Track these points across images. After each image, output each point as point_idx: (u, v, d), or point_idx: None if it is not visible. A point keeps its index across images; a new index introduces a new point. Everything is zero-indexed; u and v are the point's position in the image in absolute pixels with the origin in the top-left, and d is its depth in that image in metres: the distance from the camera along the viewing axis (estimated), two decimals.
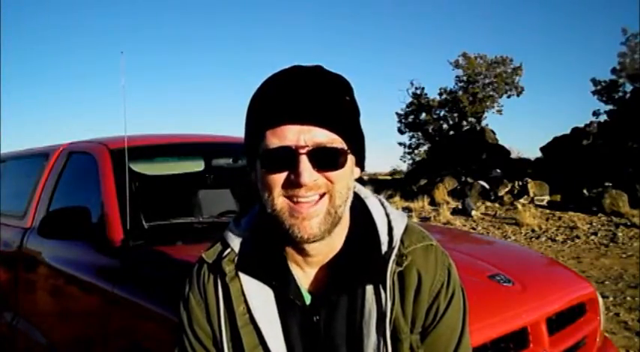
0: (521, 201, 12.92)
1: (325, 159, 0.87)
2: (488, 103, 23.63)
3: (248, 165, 0.96)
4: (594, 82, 20.71)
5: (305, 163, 0.86)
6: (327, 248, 0.95)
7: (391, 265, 0.94)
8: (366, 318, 0.94)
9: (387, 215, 1.01)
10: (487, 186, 14.34)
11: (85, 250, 2.37)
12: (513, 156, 19.71)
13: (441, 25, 41.34)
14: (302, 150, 0.86)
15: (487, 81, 23.58)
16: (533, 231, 10.32)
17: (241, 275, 0.95)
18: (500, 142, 20.29)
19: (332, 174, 0.88)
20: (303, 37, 46.23)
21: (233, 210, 2.66)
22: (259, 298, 0.94)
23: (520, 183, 14.08)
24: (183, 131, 3.39)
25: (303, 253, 0.95)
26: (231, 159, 2.94)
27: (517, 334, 1.83)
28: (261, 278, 0.95)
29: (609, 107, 19.52)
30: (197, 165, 2.99)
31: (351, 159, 0.92)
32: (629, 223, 10.20)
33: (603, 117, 19.19)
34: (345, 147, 0.89)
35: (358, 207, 1.00)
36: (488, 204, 13.38)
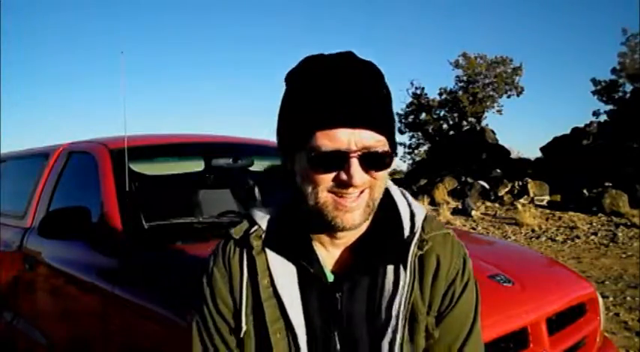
0: (521, 201, 12.92)
1: (374, 162, 0.93)
2: (488, 103, 23.63)
3: (284, 154, 0.99)
4: (594, 82, 20.71)
5: (356, 166, 0.90)
6: (356, 231, 1.01)
7: (413, 248, 1.00)
8: (385, 297, 0.99)
9: (409, 203, 1.07)
10: (487, 186, 14.34)
11: (85, 250, 2.36)
12: (513, 156, 19.70)
13: (441, 25, 41.36)
14: (353, 154, 0.90)
15: (487, 81, 23.57)
16: (533, 231, 10.32)
17: (267, 250, 1.00)
18: (500, 142, 20.30)
19: (377, 174, 0.94)
20: (303, 37, 46.23)
21: (233, 210, 2.66)
22: (283, 273, 0.99)
23: (520, 183, 14.08)
24: (183, 131, 3.39)
25: (332, 236, 1.00)
26: (231, 159, 2.94)
27: (517, 334, 1.83)
28: (285, 255, 1.00)
29: (609, 107, 19.52)
30: (197, 165, 2.99)
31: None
32: (629, 223, 10.20)
33: (603, 117, 19.21)
34: (390, 149, 0.95)
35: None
36: (488, 204, 13.38)
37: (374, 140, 0.91)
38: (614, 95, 19.96)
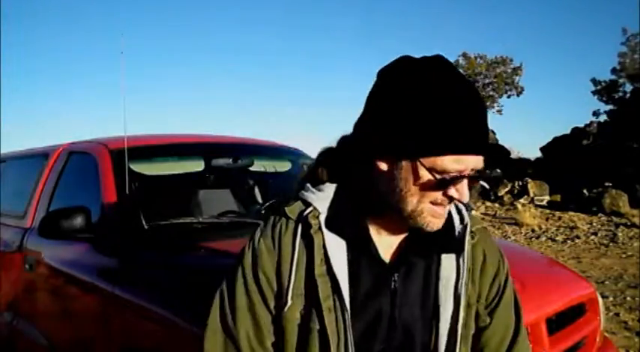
0: (521, 201, 12.93)
1: (475, 182, 0.99)
2: (488, 103, 23.63)
3: (382, 150, 0.98)
4: (594, 82, 20.69)
5: (466, 185, 0.96)
6: None
7: (468, 237, 1.06)
8: (443, 283, 1.04)
9: None
10: (487, 186, 14.35)
11: (85, 250, 2.37)
12: (513, 156, 19.72)
13: (441, 25, 41.34)
14: (466, 174, 0.95)
15: (487, 81, 23.57)
16: (533, 231, 10.33)
17: (325, 230, 1.02)
18: (500, 142, 20.30)
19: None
20: (303, 37, 46.23)
21: (233, 210, 2.66)
22: (338, 253, 1.01)
23: (520, 183, 14.09)
24: (183, 131, 3.39)
25: (395, 227, 1.04)
26: (231, 159, 2.94)
27: None
28: (342, 236, 1.03)
29: (609, 107, 19.51)
30: (197, 165, 2.99)
31: None
32: (629, 223, 10.20)
33: (603, 117, 19.19)
34: None
35: None
36: (488, 204, 13.38)
37: (481, 164, 0.97)
38: (614, 95, 19.94)
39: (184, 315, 1.73)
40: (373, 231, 1.05)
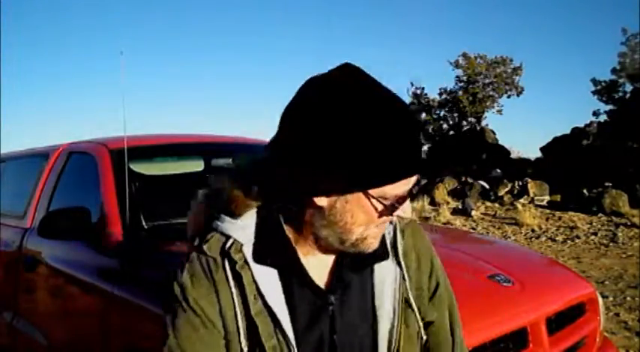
0: (521, 201, 12.92)
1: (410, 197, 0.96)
2: (488, 103, 23.61)
3: (319, 188, 0.90)
4: (594, 82, 20.66)
5: (409, 204, 0.94)
6: None
7: (399, 238, 1.04)
8: (378, 290, 1.01)
9: None
10: (487, 186, 14.35)
11: (85, 250, 2.37)
12: (513, 156, 19.70)
13: (441, 25, 41.34)
14: (411, 191, 0.93)
15: (487, 81, 23.54)
16: (533, 231, 10.32)
17: (251, 263, 0.96)
18: (500, 142, 20.30)
19: None
20: (303, 37, 46.22)
21: None
22: (270, 286, 0.96)
23: (520, 183, 14.08)
24: (183, 131, 3.39)
25: (327, 250, 0.99)
26: (231, 159, 2.94)
27: (517, 334, 1.84)
28: (271, 265, 0.97)
29: (609, 107, 19.49)
30: (197, 165, 2.99)
31: None
32: (629, 223, 10.19)
33: (603, 117, 19.16)
34: None
35: None
36: (488, 204, 13.38)
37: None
38: (614, 95, 19.92)
39: None
40: (302, 256, 0.99)
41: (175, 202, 2.68)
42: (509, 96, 23.91)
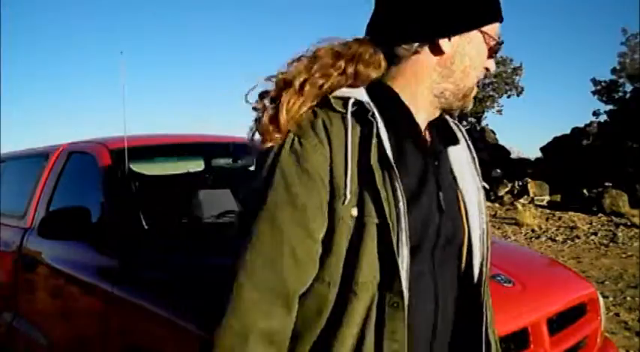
0: (521, 201, 12.92)
1: None
2: (488, 103, 23.62)
3: (441, 30, 1.01)
4: (594, 82, 20.67)
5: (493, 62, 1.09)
6: None
7: (463, 129, 1.17)
8: (456, 166, 1.11)
9: None
10: (487, 186, 14.30)
11: (85, 250, 2.36)
12: (513, 156, 19.71)
13: None
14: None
15: (487, 81, 23.55)
16: (533, 231, 10.32)
17: (376, 118, 0.99)
18: (500, 142, 20.30)
19: None
20: (302, 36, 46.23)
21: (233, 210, 2.66)
22: (387, 139, 0.99)
23: (520, 183, 14.08)
24: (183, 131, 3.39)
25: (430, 113, 1.08)
26: (231, 159, 2.94)
27: (518, 334, 1.83)
28: (387, 121, 1.01)
29: (609, 107, 19.49)
30: (197, 165, 2.99)
31: None
32: (629, 223, 10.19)
33: (603, 117, 19.16)
34: None
35: None
36: (489, 204, 13.35)
37: None
38: (614, 95, 19.93)
39: (184, 315, 1.73)
40: (414, 114, 1.06)
41: (175, 202, 2.69)
42: (509, 96, 23.92)
